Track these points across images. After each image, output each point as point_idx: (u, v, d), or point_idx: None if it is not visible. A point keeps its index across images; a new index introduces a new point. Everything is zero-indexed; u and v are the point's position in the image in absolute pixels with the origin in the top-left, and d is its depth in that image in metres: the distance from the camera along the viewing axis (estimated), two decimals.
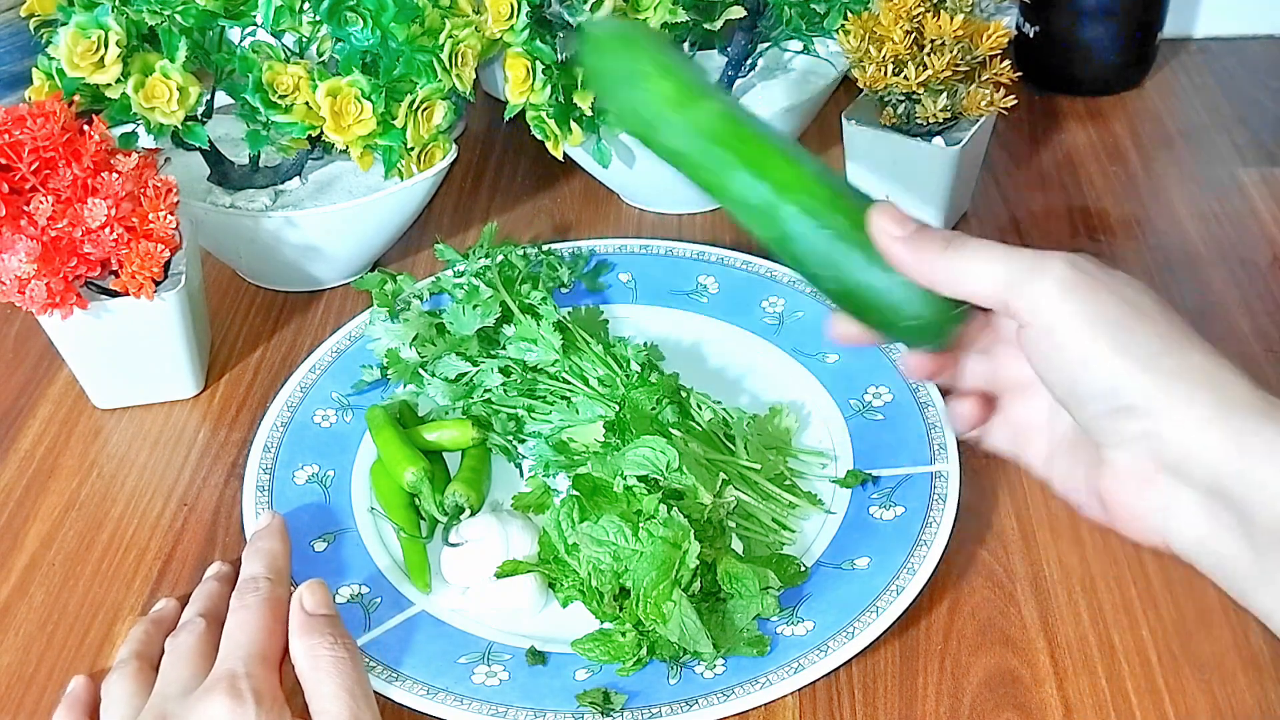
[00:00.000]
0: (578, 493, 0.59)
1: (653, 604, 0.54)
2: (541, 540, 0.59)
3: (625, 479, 0.59)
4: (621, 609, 0.56)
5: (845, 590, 0.57)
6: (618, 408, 0.64)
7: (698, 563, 0.55)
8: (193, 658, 0.51)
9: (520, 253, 0.73)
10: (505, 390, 0.67)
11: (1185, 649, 0.56)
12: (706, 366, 0.72)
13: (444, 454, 0.66)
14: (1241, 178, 0.87)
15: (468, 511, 0.61)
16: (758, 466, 0.62)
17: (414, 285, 0.74)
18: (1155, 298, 0.45)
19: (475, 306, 0.68)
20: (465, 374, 0.67)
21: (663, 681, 0.54)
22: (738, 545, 0.60)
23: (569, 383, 0.66)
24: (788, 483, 0.63)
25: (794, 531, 0.61)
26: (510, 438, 0.66)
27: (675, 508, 0.56)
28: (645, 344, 0.69)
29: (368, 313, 0.73)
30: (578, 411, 0.65)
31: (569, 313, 0.71)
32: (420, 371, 0.69)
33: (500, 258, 0.73)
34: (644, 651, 0.54)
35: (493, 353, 0.68)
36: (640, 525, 0.56)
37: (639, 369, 0.67)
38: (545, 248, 0.76)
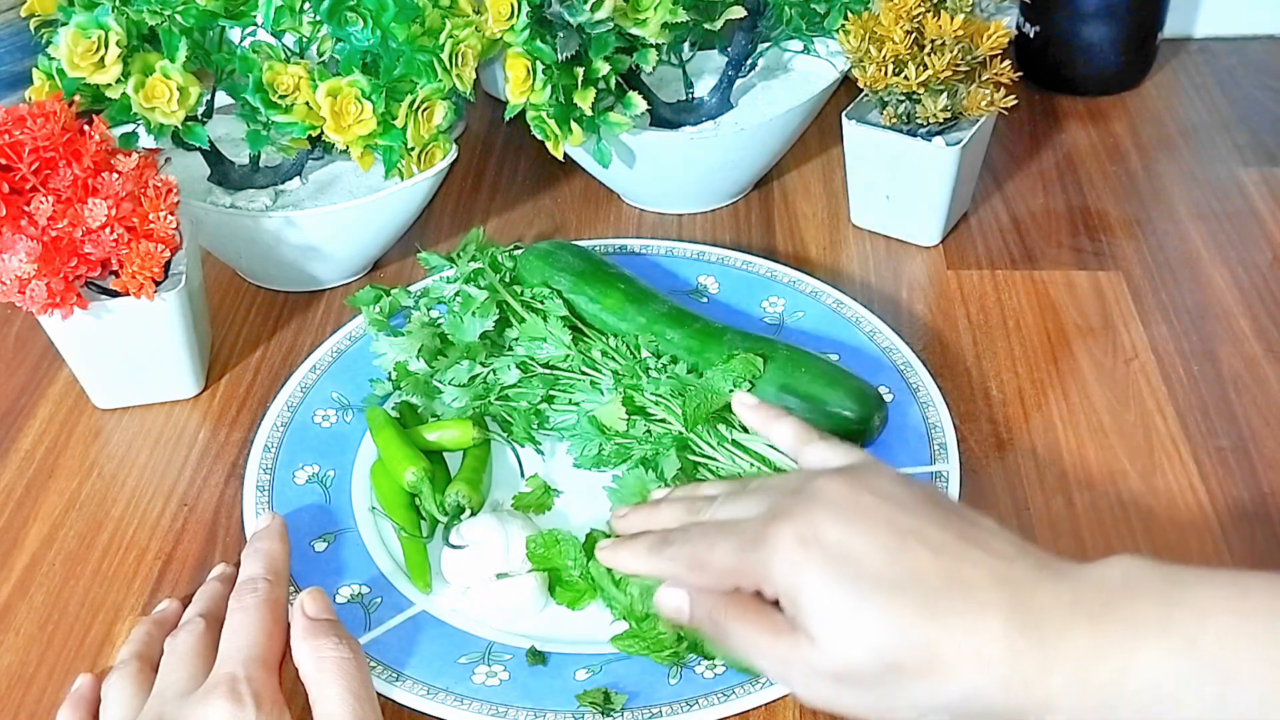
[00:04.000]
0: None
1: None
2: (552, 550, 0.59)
3: None
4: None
5: None
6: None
7: None
8: (192, 658, 0.51)
9: (505, 252, 0.74)
10: (523, 384, 0.67)
11: None
12: None
13: (444, 454, 0.66)
14: (1241, 178, 0.87)
15: (468, 511, 0.61)
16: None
17: (408, 298, 0.74)
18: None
19: (473, 313, 0.68)
20: (479, 375, 0.67)
21: (663, 681, 0.54)
22: None
23: (585, 374, 0.66)
24: None
25: None
26: (531, 429, 0.66)
27: None
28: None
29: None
30: (602, 392, 0.65)
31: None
32: (432, 382, 0.68)
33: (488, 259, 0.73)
34: (683, 646, 0.54)
35: (501, 355, 0.68)
36: None
37: (650, 356, 0.67)
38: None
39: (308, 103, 0.71)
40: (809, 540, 0.45)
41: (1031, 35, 0.96)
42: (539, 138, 0.76)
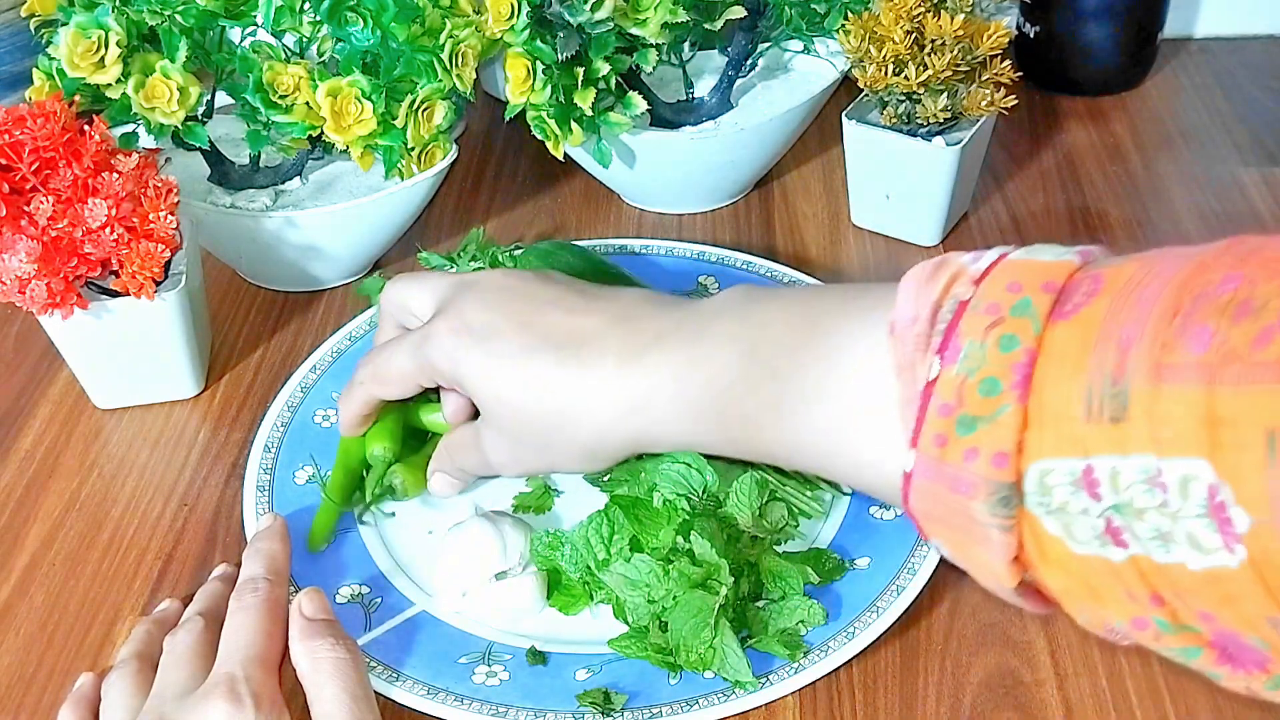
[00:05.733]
0: (618, 507, 0.58)
1: (696, 656, 0.53)
2: (550, 547, 0.58)
3: (662, 495, 0.58)
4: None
5: (845, 590, 0.57)
6: None
7: (733, 583, 0.54)
8: (191, 658, 0.51)
9: (505, 252, 0.74)
10: None
11: None
12: None
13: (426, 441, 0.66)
14: (1241, 178, 0.87)
15: (398, 491, 0.62)
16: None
17: None
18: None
19: None
20: None
21: (663, 681, 0.54)
22: None
23: None
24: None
25: (810, 518, 0.60)
26: None
27: (698, 535, 0.55)
28: None
29: (369, 313, 0.73)
30: None
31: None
32: None
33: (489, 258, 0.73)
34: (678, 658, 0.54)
35: None
36: (671, 564, 0.55)
37: None
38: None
39: (308, 103, 0.71)
40: (459, 328, 0.51)
41: (1031, 35, 0.96)
42: (539, 138, 0.76)
